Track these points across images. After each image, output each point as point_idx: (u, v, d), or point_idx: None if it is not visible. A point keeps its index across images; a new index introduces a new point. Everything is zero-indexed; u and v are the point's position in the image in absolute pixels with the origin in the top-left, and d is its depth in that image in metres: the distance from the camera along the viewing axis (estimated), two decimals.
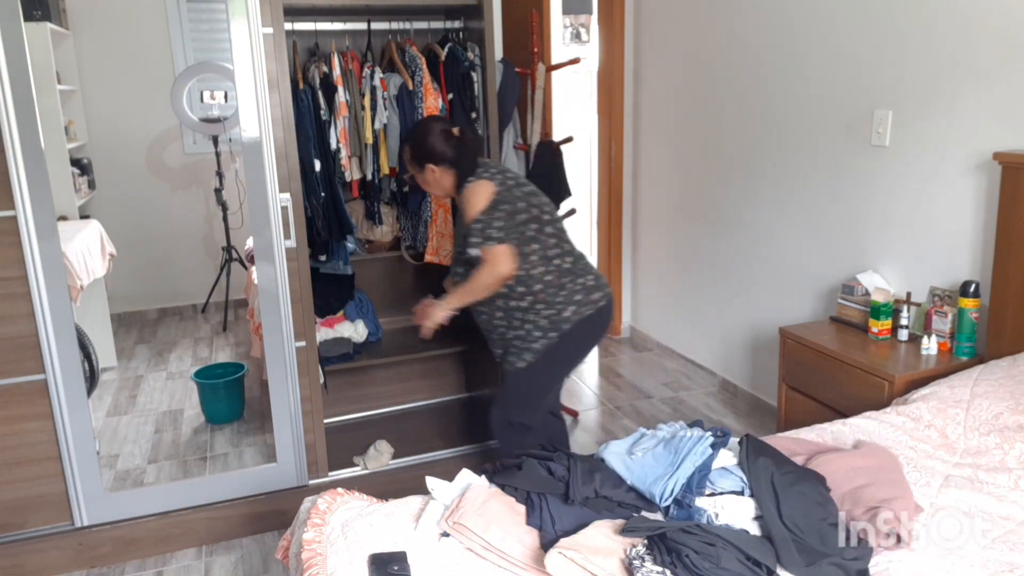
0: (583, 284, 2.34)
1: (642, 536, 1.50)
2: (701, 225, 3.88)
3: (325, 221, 2.87)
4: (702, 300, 3.95)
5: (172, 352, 3.61)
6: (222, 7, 2.34)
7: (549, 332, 2.31)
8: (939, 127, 2.57)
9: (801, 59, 3.11)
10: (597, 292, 2.35)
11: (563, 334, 2.31)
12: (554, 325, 2.31)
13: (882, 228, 2.83)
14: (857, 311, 2.76)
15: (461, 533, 1.58)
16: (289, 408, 2.63)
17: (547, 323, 2.31)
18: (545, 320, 2.31)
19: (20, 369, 2.34)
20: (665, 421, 2.89)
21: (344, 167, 2.86)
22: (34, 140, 2.20)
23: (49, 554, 2.47)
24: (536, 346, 2.32)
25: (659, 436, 1.86)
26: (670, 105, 4.04)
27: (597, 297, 2.35)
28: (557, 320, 2.30)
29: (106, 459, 2.97)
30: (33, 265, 2.27)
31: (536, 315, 2.31)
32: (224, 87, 3.25)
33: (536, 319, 2.31)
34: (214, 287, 3.56)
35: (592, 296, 2.34)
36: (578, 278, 2.34)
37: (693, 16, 3.77)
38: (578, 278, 2.34)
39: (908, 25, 2.64)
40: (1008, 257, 2.33)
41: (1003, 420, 1.97)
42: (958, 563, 1.54)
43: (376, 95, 2.81)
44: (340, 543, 1.61)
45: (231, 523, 2.65)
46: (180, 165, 3.46)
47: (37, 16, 2.69)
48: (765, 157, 3.37)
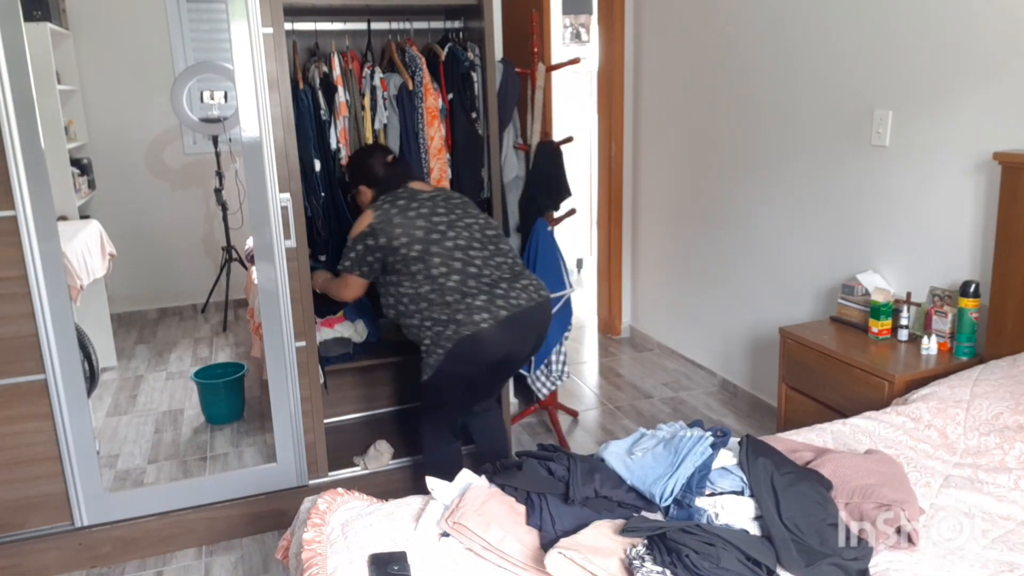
0: (468, 304, 2.31)
1: (642, 536, 1.50)
2: (701, 225, 3.88)
3: (325, 221, 2.88)
4: (702, 300, 3.95)
5: (172, 352, 3.61)
6: (222, 7, 2.34)
7: (436, 349, 2.36)
8: (939, 127, 2.57)
9: (801, 59, 3.11)
10: (483, 313, 2.29)
11: (447, 352, 2.32)
12: (437, 343, 2.35)
13: (882, 228, 2.83)
14: (857, 311, 2.76)
15: (461, 533, 1.58)
16: (289, 408, 2.63)
17: (431, 342, 2.37)
18: (432, 337, 2.36)
19: (20, 369, 2.34)
20: (665, 421, 2.90)
21: (344, 167, 2.86)
22: (34, 140, 2.20)
23: (49, 554, 2.48)
24: (431, 361, 2.38)
25: (659, 436, 1.86)
26: (670, 105, 4.04)
27: (480, 318, 2.29)
28: (440, 339, 2.34)
29: (106, 459, 2.96)
30: (33, 265, 2.27)
31: (426, 332, 2.37)
32: (224, 87, 3.24)
33: (427, 336, 2.37)
34: (214, 287, 3.55)
35: (475, 317, 2.29)
36: (466, 298, 2.32)
37: (693, 16, 3.77)
38: (466, 298, 2.32)
39: (908, 25, 2.64)
40: (1008, 257, 2.33)
41: (1003, 420, 1.97)
42: (958, 563, 1.54)
43: (376, 95, 2.81)
44: (340, 543, 1.61)
45: (231, 523, 2.65)
46: (180, 165, 3.46)
47: (37, 16, 2.69)
48: (765, 157, 3.37)
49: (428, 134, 2.85)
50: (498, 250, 2.48)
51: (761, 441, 1.83)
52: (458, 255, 2.38)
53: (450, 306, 2.32)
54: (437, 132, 2.85)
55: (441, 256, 2.36)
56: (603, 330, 4.81)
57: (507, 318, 2.31)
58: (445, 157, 2.90)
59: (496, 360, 2.39)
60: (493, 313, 2.30)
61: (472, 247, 2.42)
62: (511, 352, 2.41)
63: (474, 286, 2.34)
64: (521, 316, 2.36)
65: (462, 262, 2.37)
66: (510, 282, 2.40)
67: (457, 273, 2.35)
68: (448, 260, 2.36)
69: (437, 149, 2.87)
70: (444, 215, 2.43)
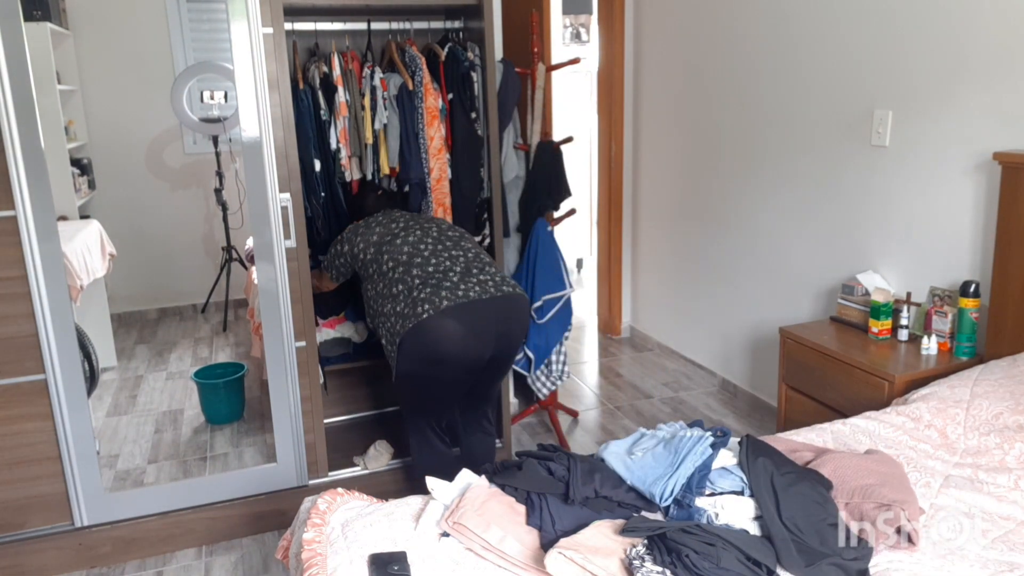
0: (414, 298, 2.29)
1: (642, 536, 1.50)
2: (701, 225, 3.88)
3: (325, 221, 2.88)
4: (702, 300, 3.95)
5: (172, 352, 3.61)
6: (222, 7, 2.34)
7: (390, 347, 2.37)
8: (939, 127, 2.57)
9: (801, 59, 3.11)
10: (424, 305, 2.26)
11: (398, 348, 2.31)
12: (391, 340, 2.36)
13: (882, 228, 2.83)
14: (857, 311, 2.76)
15: (461, 533, 1.58)
16: (289, 408, 2.63)
17: (387, 340, 2.39)
18: (387, 335, 2.38)
19: (20, 369, 2.34)
20: (665, 421, 2.90)
21: (344, 167, 2.86)
22: (34, 140, 2.20)
23: (49, 554, 2.48)
24: (391, 360, 2.39)
25: (659, 436, 1.85)
26: (670, 105, 4.04)
27: (421, 310, 2.26)
28: (392, 334, 2.35)
29: (106, 459, 2.96)
30: (33, 265, 2.27)
31: (382, 330, 2.41)
32: (224, 87, 3.24)
33: (385, 334, 2.40)
34: (214, 287, 3.55)
35: (417, 309, 2.26)
36: (412, 291, 2.31)
37: (693, 16, 3.76)
38: (412, 291, 2.31)
39: (908, 25, 2.64)
40: (1008, 257, 2.33)
41: (1003, 420, 1.97)
42: (958, 563, 1.54)
43: (376, 95, 2.81)
44: (340, 543, 1.61)
45: (231, 523, 2.65)
46: (180, 165, 3.46)
47: (37, 16, 2.69)
48: (765, 157, 3.37)
49: (428, 134, 2.85)
50: (457, 247, 2.46)
51: (761, 441, 1.83)
52: (406, 250, 2.43)
53: (397, 299, 2.34)
54: (437, 132, 2.85)
55: (390, 254, 2.43)
56: (603, 330, 4.81)
57: (449, 308, 2.25)
58: (445, 157, 2.90)
59: (450, 355, 2.29)
60: (435, 304, 2.26)
61: (424, 243, 2.45)
62: (468, 348, 2.31)
63: (418, 278, 2.33)
64: (469, 307, 2.28)
65: (408, 255, 2.41)
66: (462, 276, 2.36)
67: (403, 266, 2.39)
68: (396, 255, 2.42)
69: (437, 149, 2.87)
70: (404, 223, 2.54)
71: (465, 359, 2.34)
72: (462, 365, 2.35)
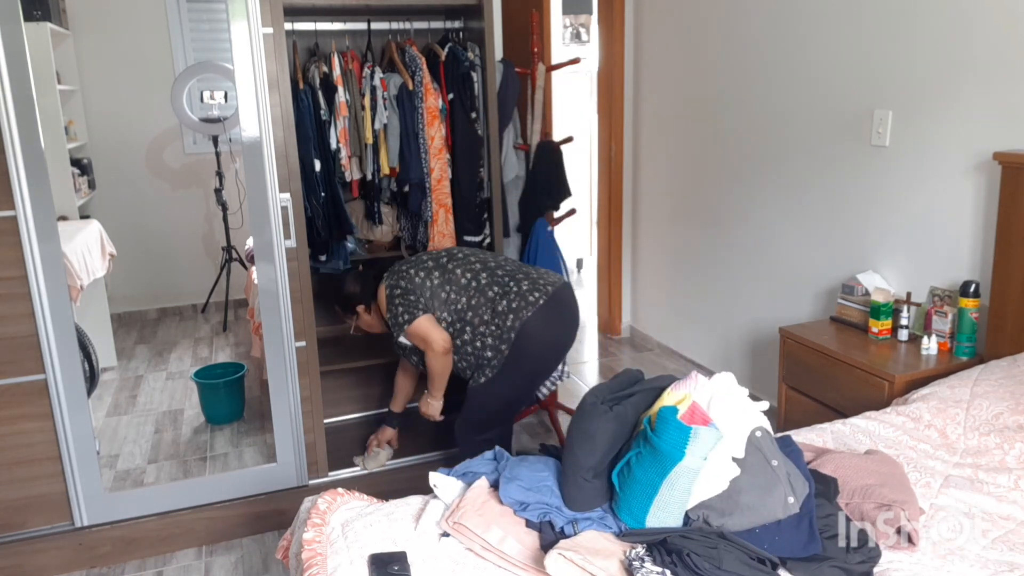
0: (516, 291, 2.37)
1: (641, 541, 1.51)
2: (701, 225, 3.88)
3: (325, 221, 2.88)
4: (702, 300, 3.95)
5: (172, 352, 3.61)
6: (222, 7, 2.34)
7: (500, 347, 2.37)
8: (939, 127, 2.57)
9: (801, 59, 3.11)
10: (535, 292, 2.37)
11: (513, 344, 2.35)
12: (502, 339, 2.36)
13: (882, 228, 2.83)
14: (857, 311, 2.76)
15: (461, 533, 1.58)
16: (289, 408, 2.63)
17: (494, 341, 2.38)
18: (492, 339, 2.38)
19: (20, 369, 2.34)
20: None
21: (344, 167, 2.86)
22: (34, 140, 2.20)
23: (49, 554, 2.48)
24: (494, 362, 2.39)
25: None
26: (670, 105, 4.04)
27: (535, 297, 2.36)
28: (502, 334, 2.36)
29: (106, 459, 2.96)
30: (33, 265, 2.27)
31: (482, 339, 2.40)
32: (224, 87, 3.24)
33: (483, 341, 2.39)
34: (214, 287, 3.55)
35: (529, 298, 2.36)
36: (510, 283, 2.39)
37: (693, 16, 3.76)
38: (510, 283, 2.39)
39: (908, 25, 2.64)
40: (1008, 257, 2.33)
41: (1003, 420, 1.97)
42: (958, 563, 1.54)
43: (376, 95, 2.81)
44: (340, 543, 1.61)
45: (231, 523, 2.65)
46: (180, 165, 3.46)
47: (37, 16, 2.69)
48: (765, 157, 3.37)
49: (428, 134, 2.85)
50: (494, 259, 2.55)
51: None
52: (473, 259, 2.48)
53: (496, 301, 2.37)
54: (437, 132, 2.85)
55: (461, 267, 2.45)
56: (603, 330, 4.81)
57: (554, 293, 2.39)
58: (445, 157, 2.90)
59: (567, 336, 2.46)
60: (542, 290, 2.38)
61: (476, 254, 2.53)
62: (573, 329, 2.48)
63: (507, 275, 2.41)
64: (560, 294, 2.42)
65: (481, 262, 2.46)
66: (526, 273, 2.46)
67: (485, 271, 2.43)
68: (468, 267, 2.45)
69: (437, 149, 2.87)
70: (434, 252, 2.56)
71: (570, 341, 2.50)
72: (566, 348, 2.52)
